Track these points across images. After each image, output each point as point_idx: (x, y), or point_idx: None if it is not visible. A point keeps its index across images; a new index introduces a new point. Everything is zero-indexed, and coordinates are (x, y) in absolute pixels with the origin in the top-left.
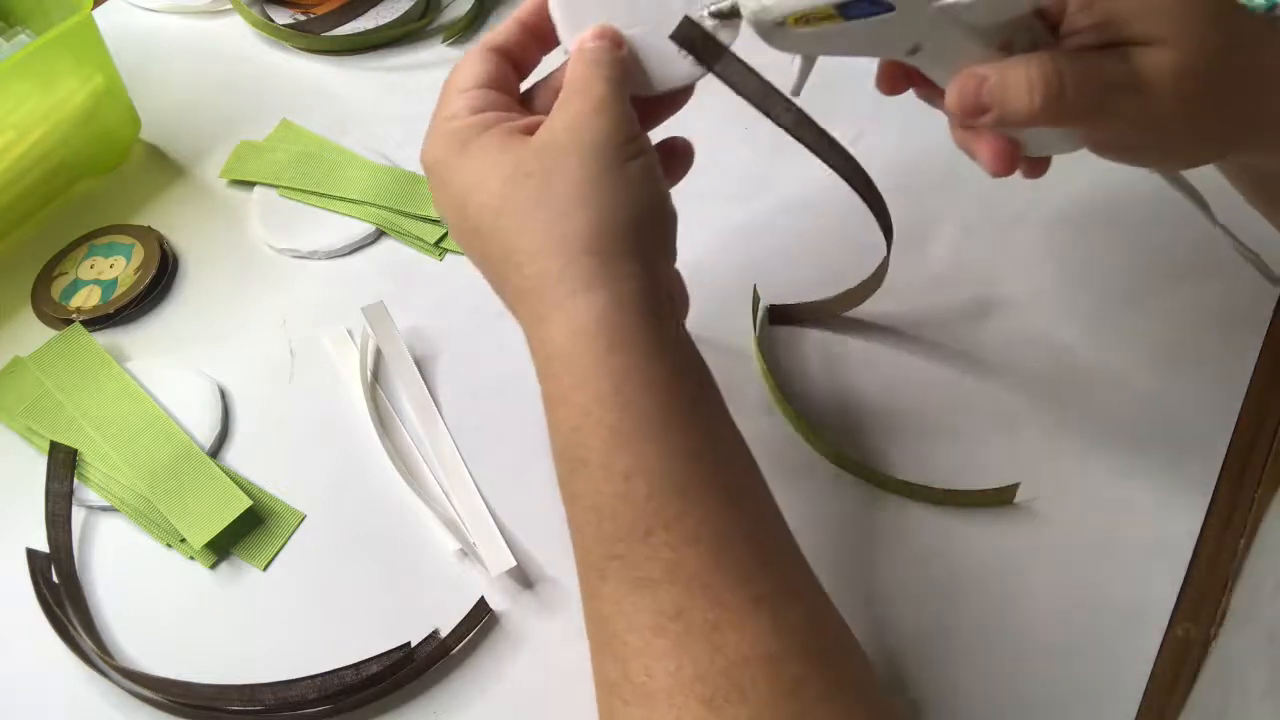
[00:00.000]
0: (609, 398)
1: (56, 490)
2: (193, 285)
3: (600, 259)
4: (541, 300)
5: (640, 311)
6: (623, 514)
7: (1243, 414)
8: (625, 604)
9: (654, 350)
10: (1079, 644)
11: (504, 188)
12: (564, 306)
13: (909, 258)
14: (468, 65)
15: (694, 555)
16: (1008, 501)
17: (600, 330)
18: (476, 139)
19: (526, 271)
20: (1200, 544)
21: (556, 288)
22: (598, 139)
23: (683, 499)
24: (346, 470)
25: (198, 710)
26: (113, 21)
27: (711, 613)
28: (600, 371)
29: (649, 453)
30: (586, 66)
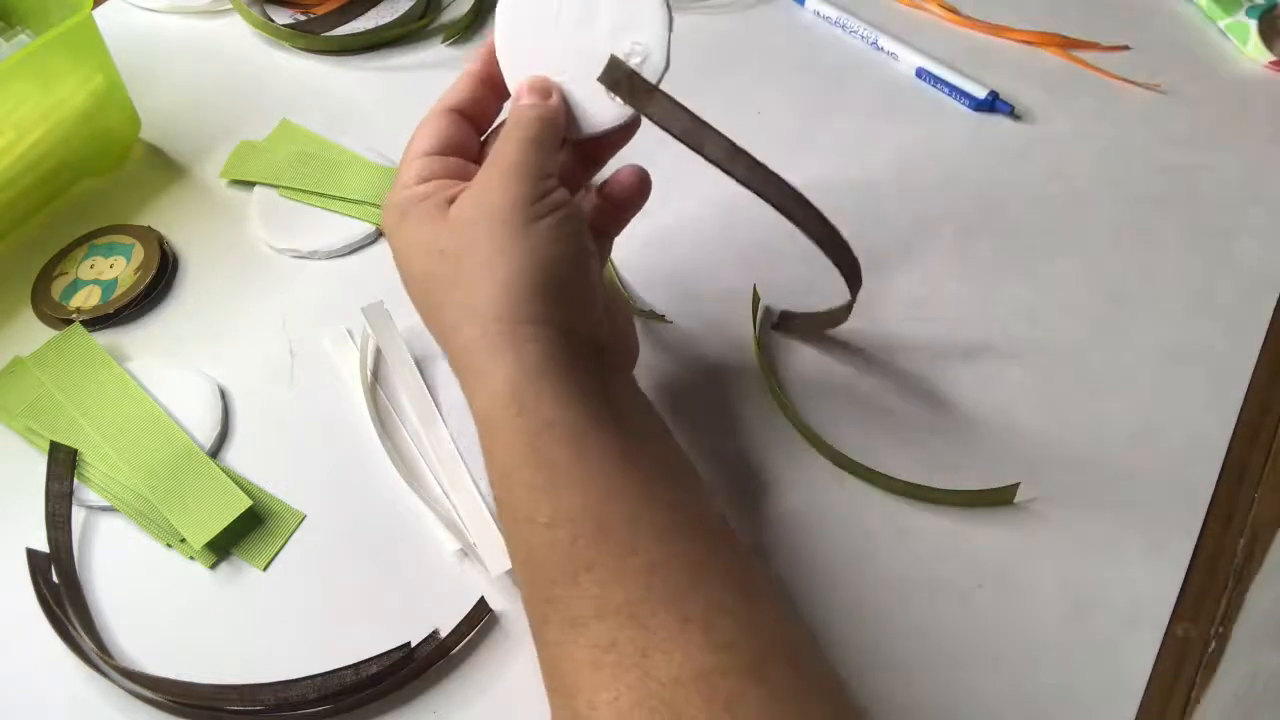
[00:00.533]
0: (524, 457)
1: (56, 490)
2: (193, 285)
3: (508, 325)
4: (466, 370)
5: (547, 370)
6: (551, 561)
7: (1243, 414)
8: (566, 644)
9: (565, 402)
10: (1079, 644)
11: (426, 265)
12: (481, 375)
13: (909, 256)
14: (422, 129)
15: (619, 589)
16: (1008, 501)
17: (511, 394)
18: (412, 211)
19: (451, 345)
20: (1200, 544)
21: (474, 358)
22: (502, 205)
23: (604, 540)
24: (346, 470)
25: (198, 710)
26: (113, 21)
27: (640, 640)
28: (514, 433)
29: (566, 500)
30: (507, 129)
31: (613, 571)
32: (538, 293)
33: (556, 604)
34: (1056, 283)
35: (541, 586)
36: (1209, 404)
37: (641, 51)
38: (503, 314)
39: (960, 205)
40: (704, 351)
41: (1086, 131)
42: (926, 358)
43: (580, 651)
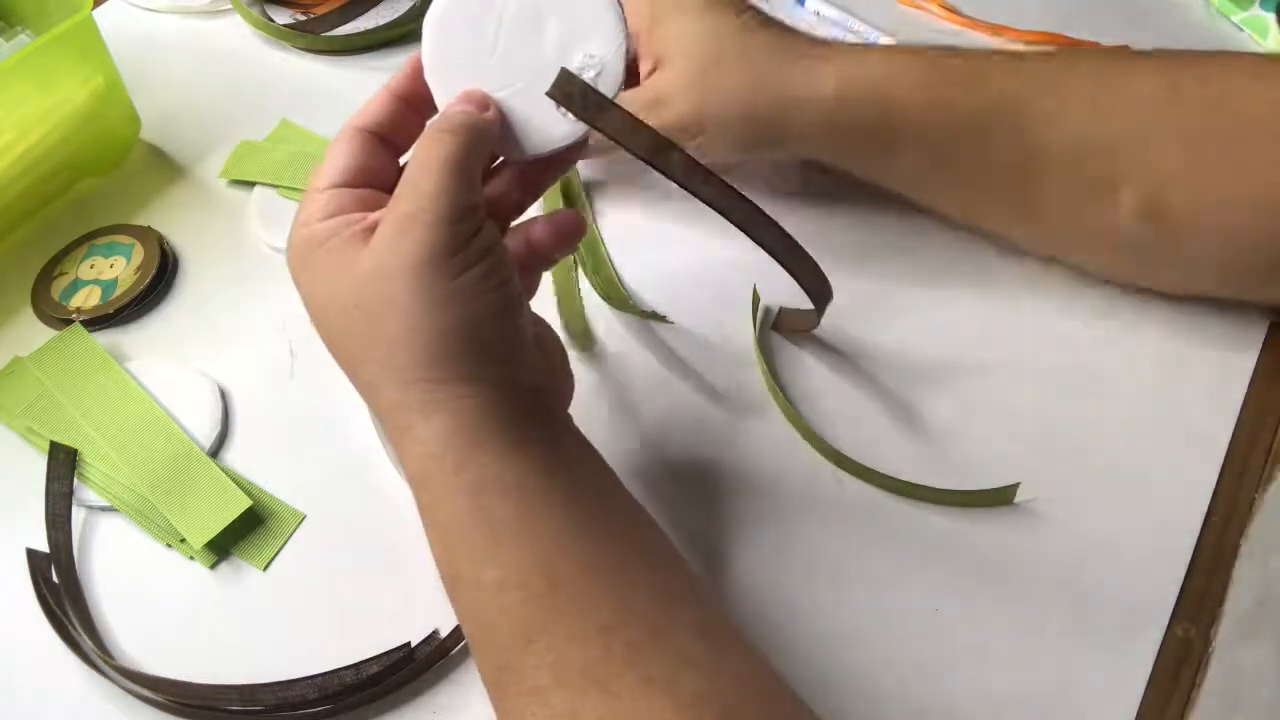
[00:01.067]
0: (465, 514)
1: (56, 490)
2: (193, 285)
3: (436, 384)
4: (393, 429)
5: (484, 424)
6: (502, 627)
7: (1243, 414)
8: (524, 716)
9: (504, 456)
10: (1079, 644)
11: (339, 319)
12: (409, 434)
13: (909, 255)
14: (329, 158)
15: (577, 651)
16: (1008, 501)
17: (445, 453)
18: (317, 252)
19: (375, 403)
20: (1200, 544)
21: (400, 418)
22: (420, 258)
23: (557, 600)
24: (346, 470)
25: (198, 710)
26: (113, 21)
27: (604, 706)
28: (452, 493)
29: (513, 559)
30: (422, 147)
31: (569, 635)
32: (468, 351)
33: (511, 672)
34: (1056, 282)
35: (493, 653)
36: (1209, 404)
37: (595, 64)
38: (430, 375)
39: None
40: (704, 352)
41: None
42: (926, 357)
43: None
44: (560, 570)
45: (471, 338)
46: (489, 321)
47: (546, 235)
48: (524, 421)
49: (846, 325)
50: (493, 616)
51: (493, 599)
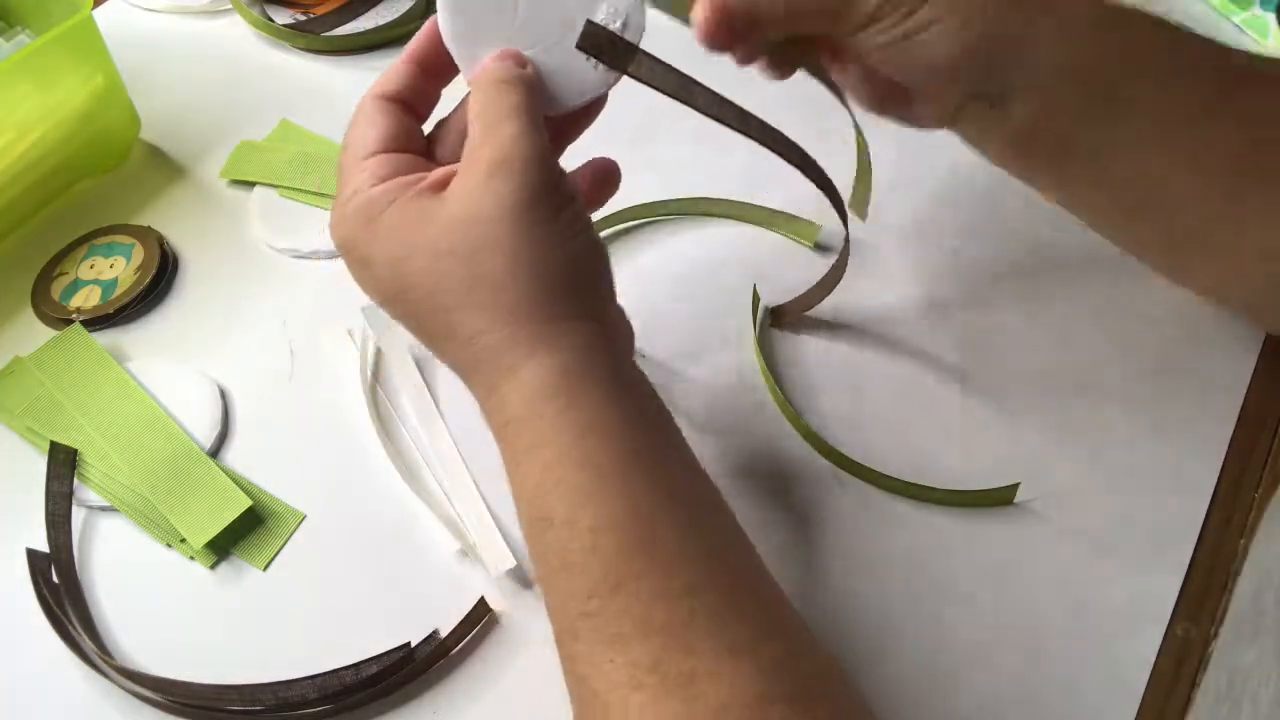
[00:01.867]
0: (569, 454)
1: (56, 490)
2: (193, 285)
3: (544, 324)
4: (493, 371)
5: (592, 365)
6: (592, 569)
7: (1243, 414)
8: (601, 662)
9: (609, 399)
10: (1079, 644)
11: (432, 266)
12: (515, 374)
13: (909, 255)
14: (360, 126)
15: (664, 607)
16: (1008, 501)
17: (556, 392)
18: (385, 213)
19: (474, 346)
20: (1200, 544)
21: (505, 358)
22: (519, 199)
23: (651, 548)
24: (346, 470)
25: (198, 710)
26: (113, 21)
27: (687, 663)
28: (558, 430)
29: (614, 506)
30: (488, 100)
31: (658, 588)
32: (572, 289)
33: (593, 618)
34: (1056, 281)
35: (576, 597)
36: (1209, 405)
37: (618, 15)
38: (536, 313)
39: (960, 205)
40: (704, 352)
41: None
42: (926, 357)
43: (619, 673)
44: (657, 524)
45: (574, 276)
46: (586, 260)
47: (585, 183)
48: (622, 363)
49: (846, 325)
50: (582, 560)
51: (585, 541)
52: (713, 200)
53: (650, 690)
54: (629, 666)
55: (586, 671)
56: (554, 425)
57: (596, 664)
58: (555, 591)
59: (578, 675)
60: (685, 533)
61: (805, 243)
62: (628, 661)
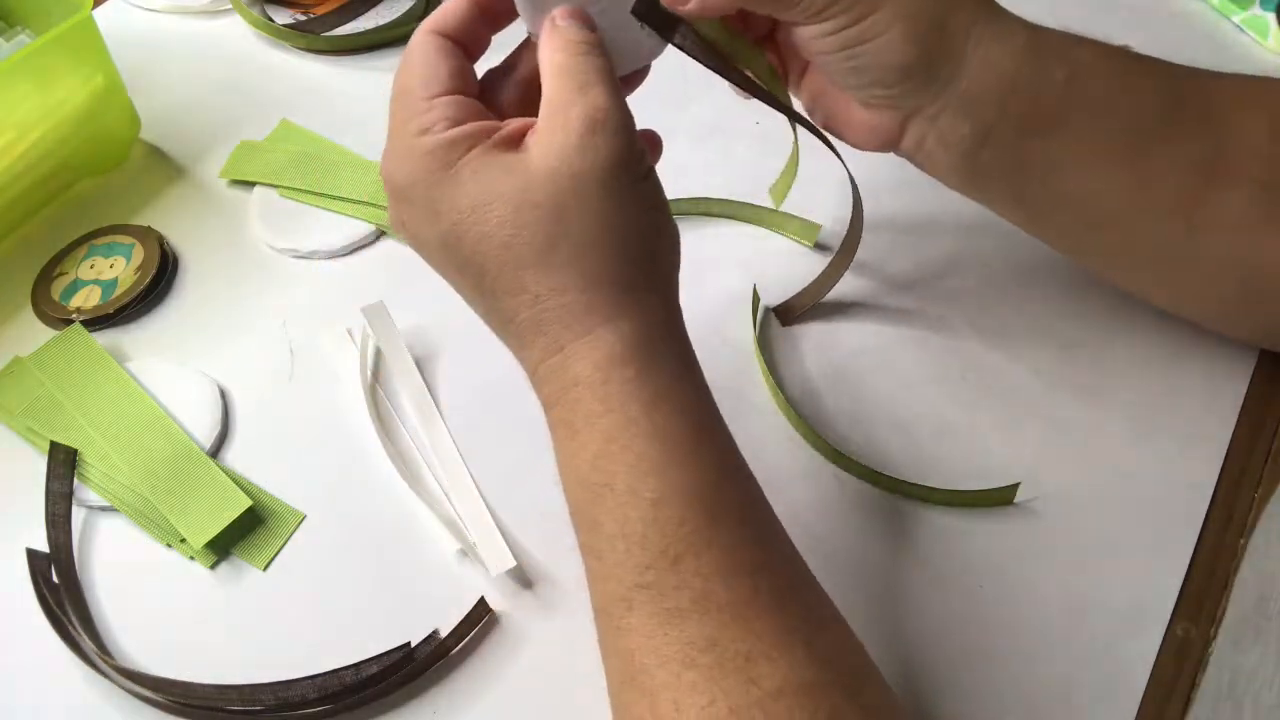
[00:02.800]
0: (637, 423)
1: (56, 490)
2: (193, 285)
3: (623, 289)
4: (565, 331)
5: (665, 336)
6: (651, 540)
7: (1243, 414)
8: (654, 636)
9: (679, 373)
10: (1079, 644)
11: (513, 217)
12: (588, 337)
13: (909, 257)
14: (424, 62)
15: (725, 584)
16: (1008, 501)
17: (629, 358)
18: (464, 159)
19: (545, 304)
20: (1200, 544)
21: (581, 320)
22: (610, 161)
23: (713, 526)
24: (346, 470)
25: (198, 710)
26: (113, 21)
27: (745, 644)
28: (628, 398)
29: (679, 477)
30: (573, 59)
31: (719, 565)
32: (651, 255)
33: (649, 590)
34: (1056, 282)
35: (632, 569)
36: (1209, 404)
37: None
38: (617, 278)
39: (961, 205)
40: (704, 351)
41: None
42: (926, 357)
43: (672, 648)
44: (718, 500)
45: (654, 246)
46: (664, 231)
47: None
48: (687, 340)
49: (846, 325)
50: (643, 529)
51: (647, 512)
52: (713, 200)
53: (704, 669)
54: (684, 643)
55: (636, 645)
56: (624, 392)
57: (649, 638)
58: (607, 560)
59: (625, 649)
60: (746, 512)
61: (805, 243)
62: (683, 638)
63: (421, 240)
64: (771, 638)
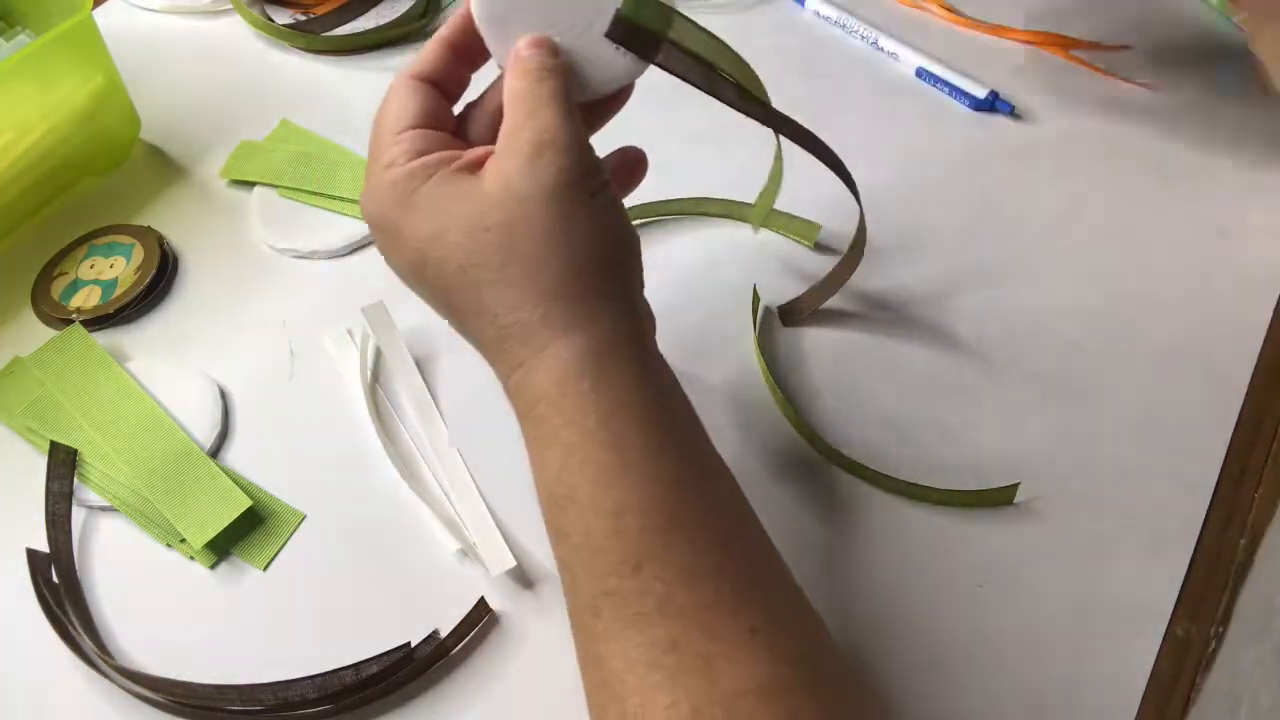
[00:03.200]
0: (595, 434)
1: (56, 490)
2: (193, 285)
3: (576, 302)
4: (522, 347)
5: (621, 346)
6: (613, 549)
7: (1243, 414)
8: (620, 640)
9: (637, 382)
10: (1079, 644)
11: (466, 241)
12: (544, 352)
13: (909, 256)
14: (396, 102)
15: (686, 587)
16: (1008, 501)
17: (584, 371)
18: (422, 188)
19: (502, 323)
20: (1200, 544)
21: (535, 336)
22: (559, 181)
23: (673, 531)
24: (346, 470)
25: (198, 710)
26: (113, 21)
27: (706, 646)
28: (585, 410)
29: (638, 486)
30: (528, 85)
31: (680, 570)
32: (605, 268)
33: (613, 597)
34: (1056, 282)
35: (597, 577)
36: (1209, 404)
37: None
38: (571, 292)
39: (960, 205)
40: (704, 352)
41: (1086, 131)
42: (925, 357)
43: (637, 650)
44: (680, 506)
45: (607, 257)
46: (620, 243)
47: (614, 170)
48: (649, 346)
49: (846, 325)
50: (604, 540)
51: (609, 523)
52: (713, 200)
53: (668, 670)
54: (648, 646)
55: (605, 651)
56: (581, 405)
57: (615, 642)
58: (575, 571)
59: (597, 656)
60: (705, 516)
61: (805, 243)
62: (646, 641)
63: (396, 268)
64: (733, 639)
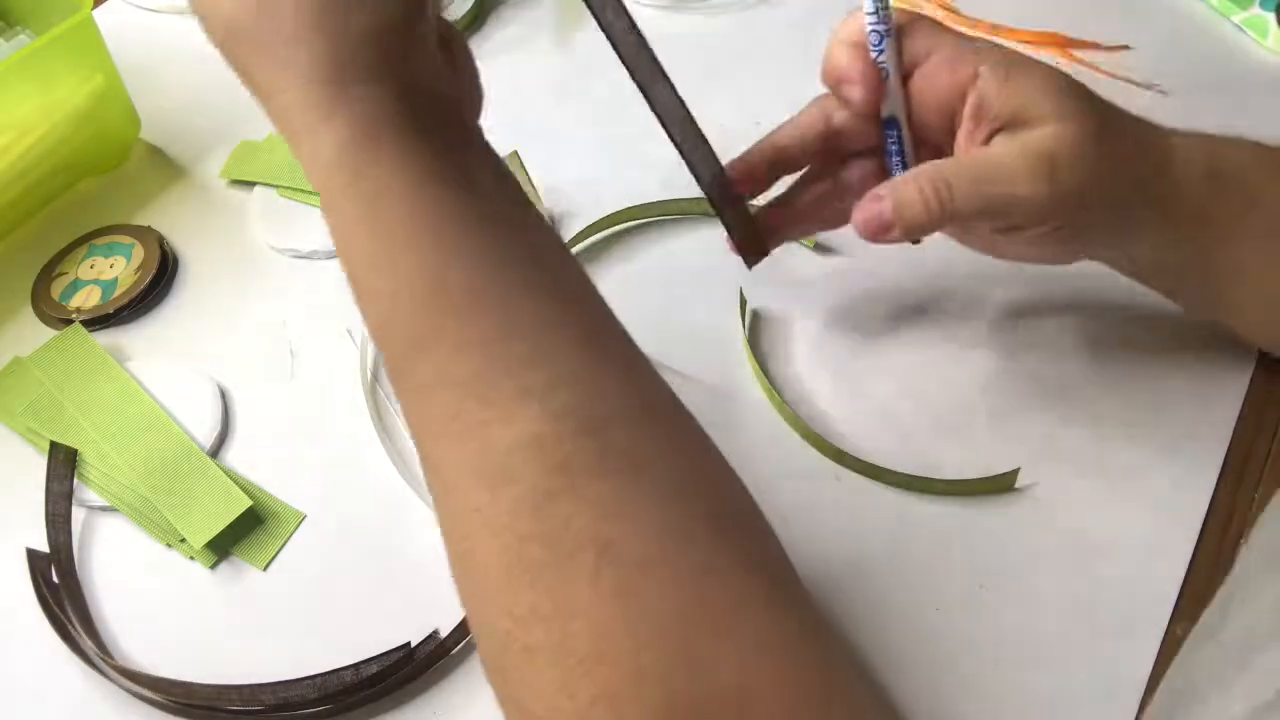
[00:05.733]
0: (360, 222)
1: (56, 490)
2: (193, 285)
3: (335, 86)
4: (290, 133)
5: (384, 128)
6: (395, 329)
7: (1242, 414)
8: (417, 411)
9: (404, 159)
10: (1079, 644)
11: (233, 11)
12: (309, 139)
13: (907, 254)
14: None
15: (462, 360)
16: (1008, 488)
17: (343, 161)
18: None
19: (271, 104)
20: (1200, 544)
21: (298, 120)
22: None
23: (444, 309)
24: (347, 470)
25: (198, 710)
26: (113, 21)
27: (483, 413)
28: (348, 199)
29: (405, 268)
30: None
31: (453, 344)
32: (372, 45)
33: (404, 375)
34: (1056, 281)
35: (391, 354)
36: (1209, 403)
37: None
38: (329, 75)
39: None
40: (697, 352)
41: None
42: (923, 358)
43: (429, 422)
44: (448, 281)
45: (376, 32)
46: (394, 26)
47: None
48: (426, 126)
49: (843, 324)
50: (386, 321)
51: (387, 306)
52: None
53: (453, 436)
54: (435, 418)
55: (411, 419)
56: (345, 194)
57: (414, 413)
58: (380, 350)
59: (408, 422)
60: (486, 284)
61: (806, 243)
62: (434, 413)
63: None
64: (505, 403)
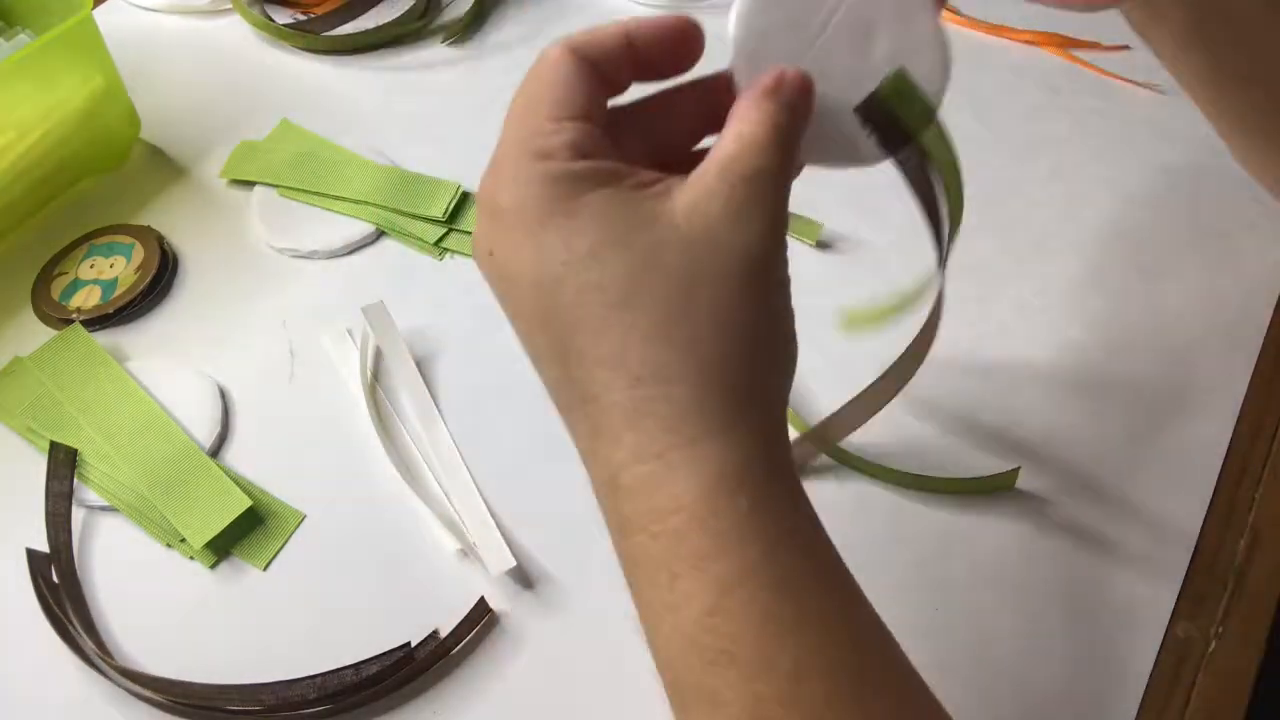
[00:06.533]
0: (759, 572)
1: (56, 490)
2: (193, 285)
3: (741, 397)
4: (665, 433)
5: (778, 463)
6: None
7: (1242, 414)
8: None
9: (798, 504)
10: (1079, 643)
11: (637, 275)
12: (694, 448)
13: (908, 255)
14: (560, 82)
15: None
16: (1009, 486)
17: (743, 485)
18: (589, 195)
19: (646, 391)
20: (1200, 543)
21: (689, 422)
22: (760, 248)
23: (859, 701)
24: (346, 470)
25: (198, 710)
26: (113, 21)
27: None
28: (745, 538)
29: (818, 643)
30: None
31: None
32: (774, 367)
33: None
34: (1056, 282)
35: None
36: (1209, 404)
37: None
38: (737, 382)
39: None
40: None
41: (1086, 131)
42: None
43: None
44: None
45: (777, 355)
46: (789, 343)
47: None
48: (796, 468)
49: (840, 321)
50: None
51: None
52: None
53: None
54: None
55: None
56: (740, 531)
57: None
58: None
59: None
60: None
61: (807, 241)
62: None
63: (509, 275)
64: None
